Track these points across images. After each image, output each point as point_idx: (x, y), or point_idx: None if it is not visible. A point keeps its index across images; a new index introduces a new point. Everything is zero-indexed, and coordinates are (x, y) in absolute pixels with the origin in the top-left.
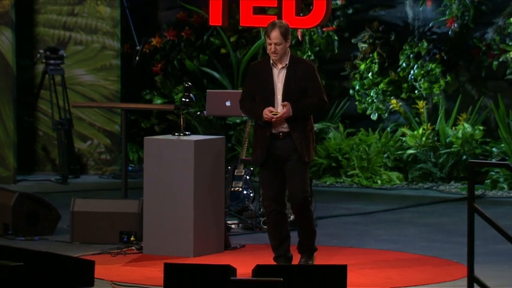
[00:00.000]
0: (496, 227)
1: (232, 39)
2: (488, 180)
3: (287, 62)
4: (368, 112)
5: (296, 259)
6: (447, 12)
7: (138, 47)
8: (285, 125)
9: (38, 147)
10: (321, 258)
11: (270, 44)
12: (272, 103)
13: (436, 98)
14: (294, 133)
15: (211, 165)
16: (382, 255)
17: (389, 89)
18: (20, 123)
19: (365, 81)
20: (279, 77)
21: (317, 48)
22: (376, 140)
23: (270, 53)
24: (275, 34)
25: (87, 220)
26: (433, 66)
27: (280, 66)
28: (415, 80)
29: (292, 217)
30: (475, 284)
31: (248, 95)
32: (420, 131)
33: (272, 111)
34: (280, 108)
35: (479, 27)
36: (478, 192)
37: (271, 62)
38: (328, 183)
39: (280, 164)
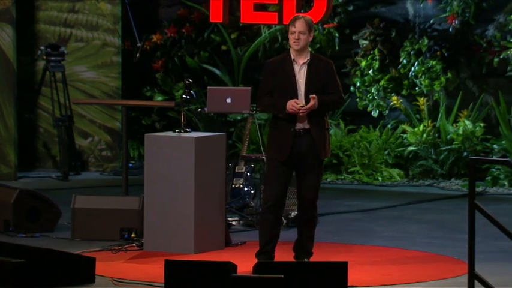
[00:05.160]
0: (496, 224)
1: (233, 36)
2: (489, 177)
3: (308, 58)
4: (369, 109)
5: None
6: (448, 9)
7: (138, 44)
8: (306, 122)
9: (39, 144)
10: (322, 255)
11: (294, 33)
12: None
13: (436, 94)
14: (313, 130)
15: (212, 162)
16: (383, 252)
17: (390, 85)
18: (20, 120)
19: (366, 78)
20: (300, 73)
21: (318, 45)
22: (376, 136)
23: (292, 42)
24: (301, 23)
25: (88, 217)
26: (434, 63)
27: (301, 62)
28: (416, 76)
29: (293, 214)
30: (475, 281)
31: (266, 92)
32: (421, 127)
33: (298, 103)
34: (304, 102)
35: (480, 24)
36: (478, 189)
37: (292, 58)
38: (329, 180)
39: (295, 162)
